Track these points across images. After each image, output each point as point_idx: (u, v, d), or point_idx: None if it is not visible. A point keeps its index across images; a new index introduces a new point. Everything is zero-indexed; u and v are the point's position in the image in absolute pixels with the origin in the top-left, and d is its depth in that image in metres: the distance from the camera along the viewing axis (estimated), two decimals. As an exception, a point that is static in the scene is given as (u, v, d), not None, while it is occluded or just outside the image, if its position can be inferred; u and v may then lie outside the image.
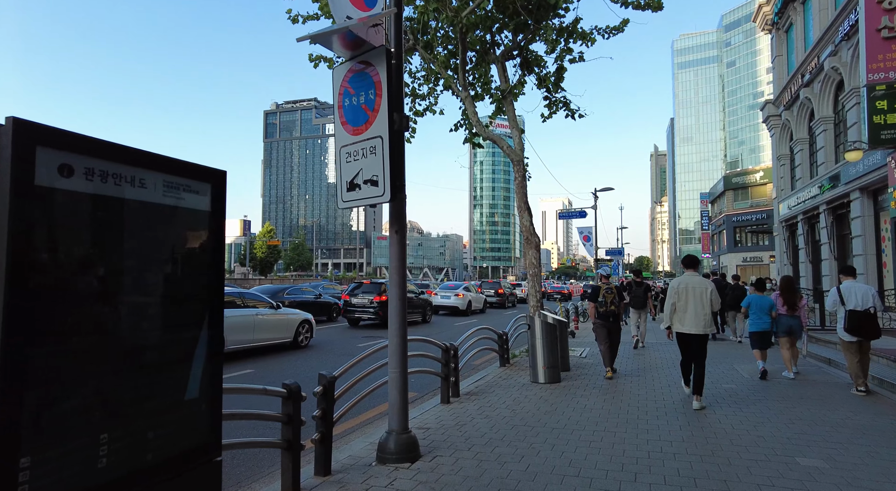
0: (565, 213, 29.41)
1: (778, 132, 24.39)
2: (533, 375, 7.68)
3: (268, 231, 78.73)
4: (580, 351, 10.99)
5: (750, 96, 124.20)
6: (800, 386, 7.40)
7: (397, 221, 4.22)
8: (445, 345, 6.40)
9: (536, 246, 11.03)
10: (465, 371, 9.19)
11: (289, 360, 10.10)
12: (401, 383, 4.15)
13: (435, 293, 23.94)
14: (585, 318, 19.23)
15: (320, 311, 18.45)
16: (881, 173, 14.35)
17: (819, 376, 8.25)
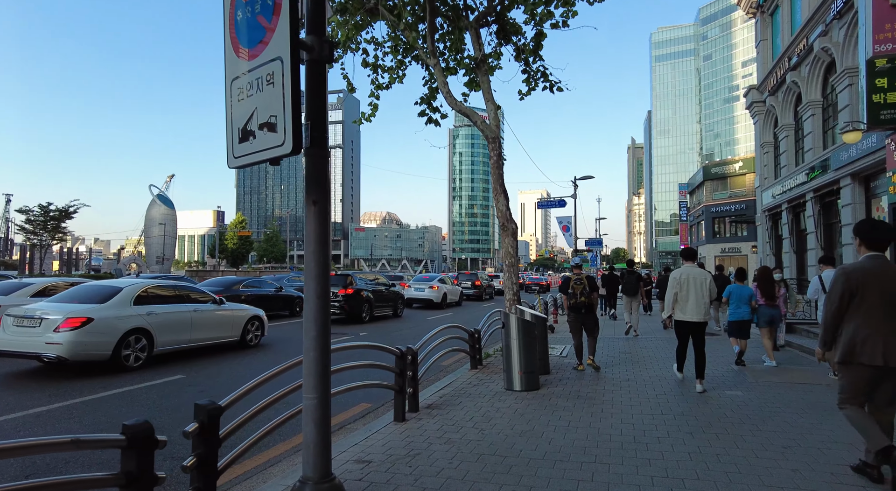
0: (544, 201, 28.50)
1: (762, 119, 23.70)
2: (507, 382, 6.58)
3: (239, 221, 76.33)
4: (560, 349, 9.95)
5: (725, 90, 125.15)
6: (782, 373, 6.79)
7: (315, 188, 3.02)
8: (400, 350, 5.23)
9: (513, 233, 9.96)
10: (432, 373, 8.07)
11: (230, 362, 8.82)
12: (319, 413, 2.96)
13: (408, 285, 22.75)
14: (565, 310, 18.26)
15: (282, 305, 17.13)
16: (875, 158, 13.59)
17: (795, 365, 8.28)
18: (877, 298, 3.58)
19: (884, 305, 3.57)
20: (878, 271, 3.63)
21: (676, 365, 7.03)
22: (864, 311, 3.61)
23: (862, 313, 3.61)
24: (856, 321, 3.62)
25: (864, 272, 3.65)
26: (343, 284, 15.52)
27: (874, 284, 3.60)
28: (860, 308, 3.62)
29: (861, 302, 3.62)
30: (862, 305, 3.61)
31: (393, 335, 12.88)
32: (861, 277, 3.63)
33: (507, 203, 9.98)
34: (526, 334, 6.55)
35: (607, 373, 7.60)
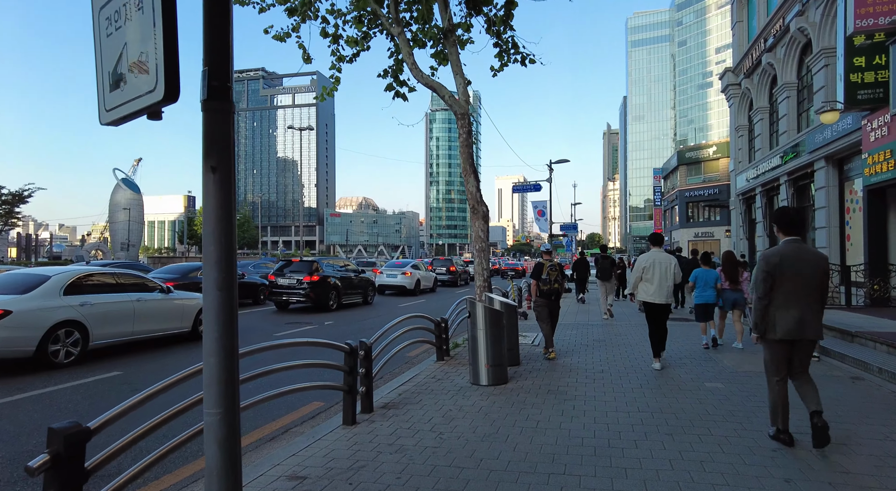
0: (520, 186, 28.05)
1: (737, 102, 23.53)
2: (473, 376, 6.07)
3: (210, 207, 74.30)
4: (532, 337, 9.50)
5: (699, 76, 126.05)
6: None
7: (215, 151, 2.38)
8: (350, 346, 4.65)
9: (484, 216, 9.43)
10: (396, 365, 7.54)
11: (177, 356, 8.13)
12: (224, 432, 2.37)
13: (380, 272, 22.12)
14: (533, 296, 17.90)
15: (245, 293, 16.37)
16: (850, 140, 13.40)
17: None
18: (791, 278, 3.91)
19: (797, 284, 3.91)
20: (794, 254, 3.95)
21: (653, 352, 6.99)
22: (780, 290, 3.94)
23: (779, 292, 3.94)
24: (774, 300, 3.95)
25: (781, 255, 3.96)
26: (308, 270, 14.82)
27: (789, 265, 3.93)
28: (778, 288, 3.95)
29: (778, 282, 3.94)
30: (779, 285, 3.94)
31: (360, 324, 12.30)
32: (779, 260, 3.95)
33: (478, 184, 9.45)
34: (494, 324, 6.04)
35: (580, 363, 7.17)
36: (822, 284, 3.97)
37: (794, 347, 3.99)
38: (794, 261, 3.93)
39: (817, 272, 3.95)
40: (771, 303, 3.96)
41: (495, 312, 6.10)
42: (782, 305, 3.92)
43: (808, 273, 3.92)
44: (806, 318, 3.88)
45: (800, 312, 3.87)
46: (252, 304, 16.64)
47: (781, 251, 3.99)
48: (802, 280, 3.91)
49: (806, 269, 3.93)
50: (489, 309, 6.07)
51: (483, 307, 6.05)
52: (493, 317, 6.05)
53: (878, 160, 11.29)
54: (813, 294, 3.93)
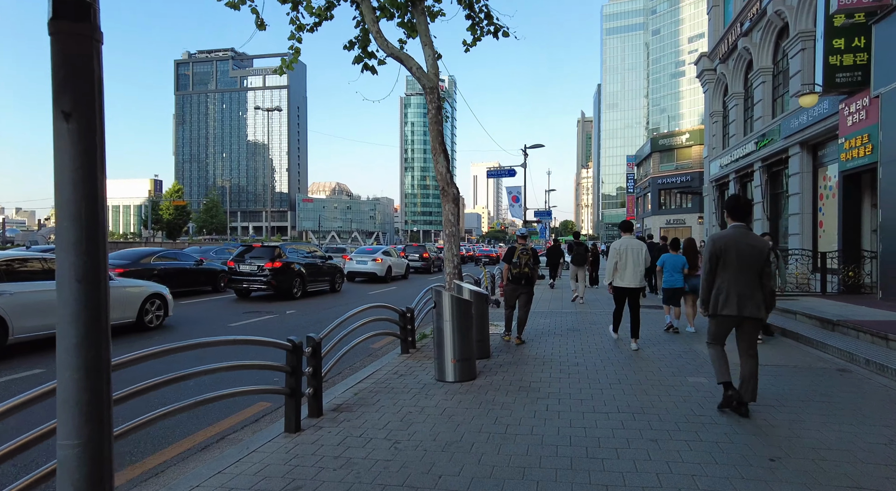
0: (494, 171, 27.55)
1: (712, 87, 23.37)
2: (439, 372, 5.54)
3: (175, 191, 71.76)
4: (503, 325, 9.03)
5: (672, 65, 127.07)
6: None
7: (69, 91, 1.74)
8: (293, 343, 4.04)
9: (454, 199, 8.89)
10: (357, 358, 6.97)
11: (114, 349, 7.37)
12: (86, 470, 1.77)
13: (350, 258, 21.40)
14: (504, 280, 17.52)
15: (204, 280, 15.51)
16: (826, 125, 13.23)
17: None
18: (734, 260, 4.23)
19: (739, 266, 4.22)
20: (738, 238, 4.26)
21: (612, 326, 7.83)
22: (724, 271, 4.27)
23: (723, 273, 4.28)
24: (718, 280, 4.31)
25: (727, 239, 4.29)
26: (270, 256, 14.04)
27: (733, 248, 4.24)
28: (723, 269, 4.28)
29: (723, 263, 4.28)
30: (723, 266, 4.27)
31: (324, 313, 11.66)
32: (724, 243, 4.28)
33: (448, 164, 8.87)
34: (462, 316, 5.50)
35: (554, 354, 6.71)
36: (764, 267, 4.26)
37: (739, 326, 4.34)
38: (739, 245, 4.25)
39: (759, 257, 4.24)
40: (715, 282, 4.34)
41: (464, 302, 5.56)
42: (725, 285, 4.27)
43: (751, 257, 4.23)
44: (746, 297, 4.21)
45: (741, 292, 4.21)
46: (212, 291, 15.79)
47: (727, 235, 4.33)
48: (745, 263, 4.23)
49: (748, 253, 4.23)
50: (457, 299, 5.53)
51: (450, 297, 5.50)
52: (461, 307, 5.51)
53: (855, 145, 11.10)
54: (754, 276, 4.25)
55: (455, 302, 5.48)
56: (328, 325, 4.96)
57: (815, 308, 8.68)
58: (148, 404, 4.50)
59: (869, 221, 11.76)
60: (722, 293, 4.27)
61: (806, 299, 10.21)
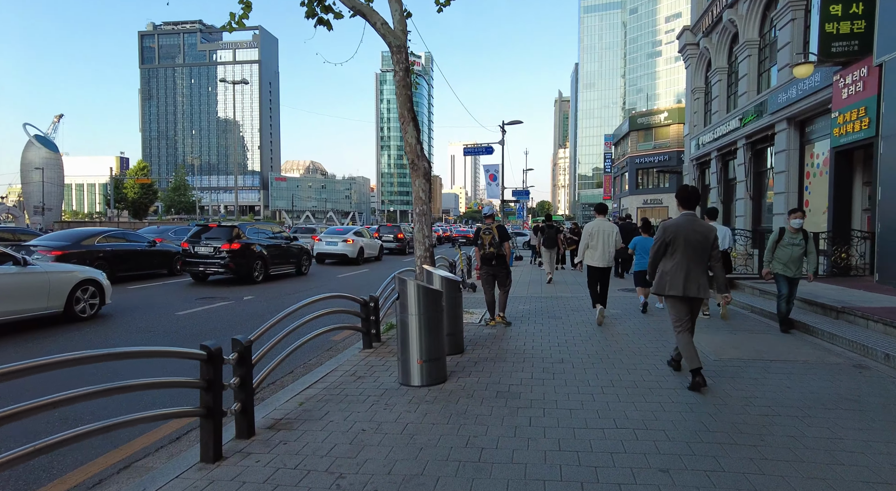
0: (471, 148, 26.60)
1: (694, 63, 22.69)
2: (402, 374, 4.72)
3: (140, 168, 68.81)
4: (481, 314, 8.25)
5: (649, 45, 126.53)
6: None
7: None
8: (208, 352, 3.15)
9: (425, 173, 8.00)
10: (311, 354, 6.12)
11: (28, 346, 6.36)
12: None
13: (319, 239, 20.35)
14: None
15: (158, 262, 14.37)
16: (816, 99, 12.64)
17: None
18: (682, 246, 4.52)
19: (686, 251, 4.51)
20: (686, 225, 4.55)
21: (592, 302, 7.99)
22: (673, 255, 4.57)
23: (671, 257, 4.58)
24: (667, 263, 4.61)
25: (677, 226, 4.56)
26: (228, 237, 12.97)
27: (682, 234, 4.52)
28: (672, 253, 4.57)
29: (672, 248, 4.56)
30: (672, 250, 4.57)
31: (286, 299, 10.73)
32: (674, 230, 4.55)
33: (419, 135, 7.95)
34: (430, 308, 4.66)
35: (535, 348, 5.95)
36: (710, 251, 4.59)
37: (691, 305, 4.63)
38: (687, 231, 4.54)
39: (705, 242, 4.55)
40: (663, 265, 4.68)
41: (432, 292, 4.72)
42: (674, 268, 4.56)
43: (697, 242, 4.53)
44: (691, 279, 4.51)
45: (686, 274, 4.52)
46: (168, 275, 14.66)
47: (677, 223, 4.62)
48: (692, 248, 4.53)
49: (695, 238, 4.53)
50: (424, 289, 4.68)
51: (416, 286, 4.65)
52: (429, 299, 4.67)
53: (850, 119, 10.50)
54: (700, 260, 4.57)
55: (422, 292, 4.64)
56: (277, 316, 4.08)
57: (811, 293, 8.11)
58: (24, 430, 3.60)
59: (860, 200, 11.27)
60: (669, 275, 4.59)
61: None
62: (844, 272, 10.57)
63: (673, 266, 4.58)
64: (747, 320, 7.68)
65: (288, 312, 4.36)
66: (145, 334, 7.21)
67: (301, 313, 4.80)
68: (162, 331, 7.46)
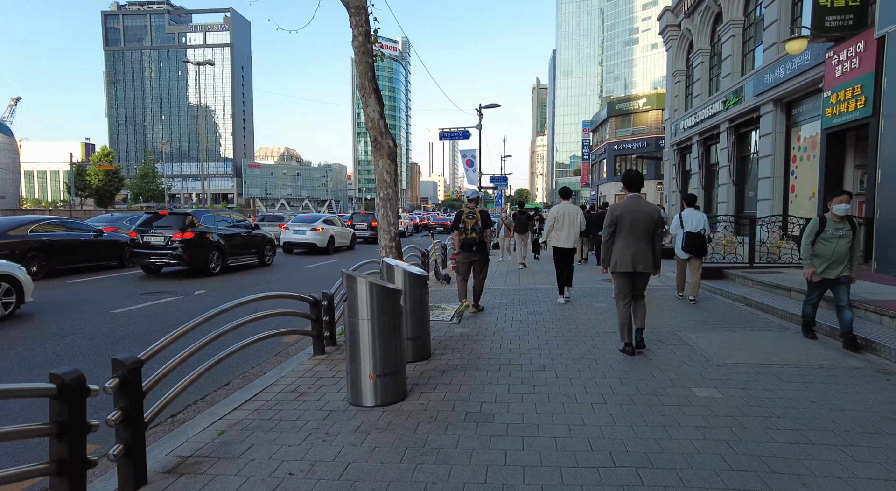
0: (447, 133, 25.63)
1: (675, 45, 22.06)
2: (352, 391, 3.88)
3: (105, 155, 65.97)
4: (453, 310, 7.46)
5: (626, 32, 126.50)
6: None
7: None
8: (61, 383, 2.26)
9: (390, 153, 7.18)
10: (255, 360, 5.27)
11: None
12: None
13: (286, 227, 19.28)
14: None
15: (106, 253, 13.23)
16: (805, 79, 12.07)
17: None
18: (628, 226, 4.95)
19: (632, 231, 4.94)
20: (632, 208, 4.97)
21: (559, 290, 8.26)
22: (620, 235, 5.01)
23: (619, 237, 5.02)
24: (616, 243, 5.06)
25: (622, 208, 5.01)
26: (180, 225, 11.89)
27: (627, 216, 4.95)
28: (619, 233, 5.01)
29: (620, 229, 5.00)
30: (620, 231, 5.01)
31: (242, 292, 9.77)
32: (620, 211, 5.01)
33: (382, 109, 7.08)
34: (386, 310, 3.83)
35: (513, 351, 5.18)
36: (654, 230, 4.91)
37: (633, 278, 4.99)
38: (632, 212, 4.88)
39: (649, 221, 4.88)
40: (614, 244, 5.02)
41: (389, 291, 3.88)
42: (621, 246, 4.93)
43: (643, 222, 4.86)
44: (638, 256, 4.86)
45: (634, 251, 4.87)
46: (118, 267, 13.52)
47: (623, 205, 4.97)
48: (637, 228, 4.86)
49: (640, 218, 4.86)
50: (379, 287, 3.83)
51: (368, 285, 3.80)
52: (385, 299, 3.83)
53: (844, 98, 9.92)
54: (646, 238, 4.89)
55: (376, 292, 3.80)
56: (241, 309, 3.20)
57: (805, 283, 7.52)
58: None
59: (852, 185, 10.76)
60: (618, 253, 4.97)
61: (790, 272, 9.12)
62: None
63: (621, 245, 4.97)
64: (743, 314, 7.04)
65: (200, 321, 3.47)
66: (64, 339, 6.22)
67: (249, 310, 3.94)
68: (87, 334, 6.48)
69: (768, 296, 7.57)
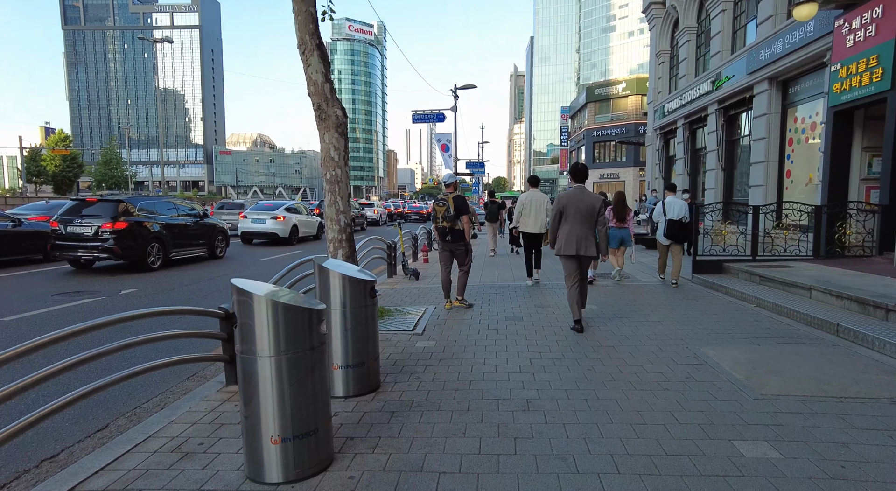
0: (421, 115, 24.28)
1: (659, 24, 21.01)
2: (250, 462, 2.63)
3: (62, 139, 62.52)
4: (417, 315, 6.26)
5: (603, 19, 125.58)
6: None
7: None
8: None
9: (338, 125, 5.96)
10: (162, 384, 3.99)
11: None
12: None
13: (244, 216, 17.76)
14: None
15: (28, 246, 11.64)
16: (807, 53, 11.09)
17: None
18: (572, 214, 5.43)
19: (576, 218, 5.42)
20: (576, 196, 5.47)
21: (527, 272, 8.77)
22: (566, 221, 5.48)
23: (565, 223, 5.49)
24: (562, 228, 5.51)
25: (568, 197, 5.52)
26: (111, 214, 10.38)
27: (572, 205, 5.44)
28: (565, 220, 5.49)
29: (565, 216, 5.48)
30: (566, 218, 5.48)
31: (180, 290, 8.43)
32: (566, 200, 5.50)
33: (327, 70, 5.79)
34: (298, 340, 2.58)
35: (489, 378, 4.00)
36: (595, 218, 5.47)
37: (580, 261, 5.53)
38: (576, 202, 5.44)
39: (591, 210, 5.44)
40: (560, 230, 5.53)
41: (302, 313, 2.61)
42: (566, 232, 5.47)
43: (586, 210, 5.43)
44: (581, 240, 5.41)
45: (577, 237, 5.42)
46: (43, 261, 11.94)
47: (568, 194, 5.58)
48: (581, 215, 5.42)
49: (583, 207, 5.43)
50: (286, 308, 2.57)
51: (269, 304, 2.54)
52: (296, 325, 2.58)
53: (856, 71, 8.92)
54: (588, 225, 5.45)
55: (282, 315, 2.54)
56: None
57: (828, 280, 6.52)
58: None
59: (859, 169, 9.83)
60: (563, 238, 5.47)
61: (798, 265, 8.14)
62: (836, 253, 9.14)
63: (566, 230, 5.43)
64: (759, 319, 5.99)
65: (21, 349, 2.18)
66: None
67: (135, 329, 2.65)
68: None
69: (784, 296, 6.55)
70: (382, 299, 7.50)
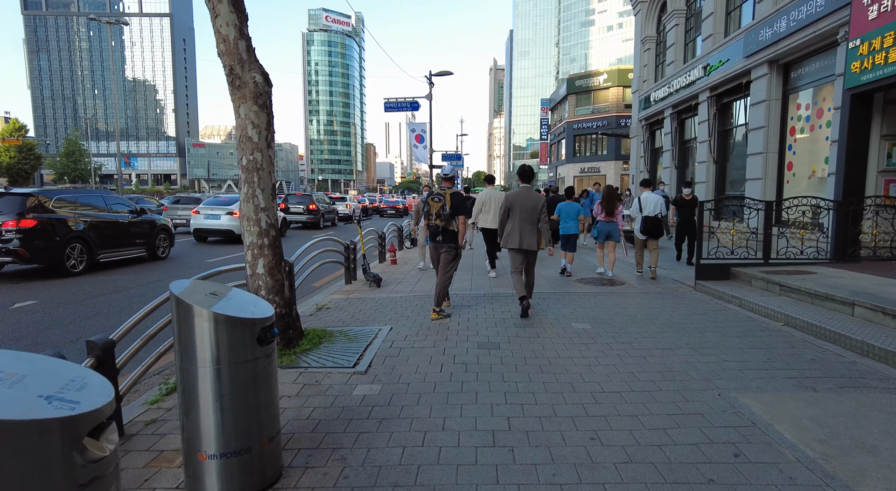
0: (394, 103, 22.81)
1: (645, 8, 19.87)
2: None
3: (16, 129, 59.18)
4: (366, 339, 4.91)
5: (582, 13, 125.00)
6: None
7: None
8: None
9: (256, 94, 4.57)
10: None
11: None
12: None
13: (197, 211, 16.13)
14: (416, 244, 13.51)
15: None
16: (813, 31, 9.98)
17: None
18: (518, 211, 5.89)
19: (522, 215, 5.87)
20: (522, 196, 5.94)
21: (489, 263, 9.52)
22: (512, 218, 5.93)
23: (511, 220, 5.95)
24: (508, 224, 5.98)
25: (515, 195, 5.99)
26: (17, 210, 8.78)
27: (518, 203, 5.90)
28: (511, 217, 5.95)
29: (512, 213, 5.95)
30: (512, 215, 5.95)
31: (88, 306, 6.91)
32: (513, 198, 5.96)
33: (242, 23, 4.33)
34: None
35: (445, 464, 2.70)
36: (539, 216, 5.88)
37: (525, 255, 5.97)
38: (522, 200, 5.89)
39: (535, 208, 5.86)
40: (507, 225, 5.97)
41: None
42: (511, 228, 5.93)
43: (530, 208, 5.87)
44: (525, 235, 5.86)
45: (521, 232, 5.87)
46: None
47: (515, 193, 6.01)
48: (525, 213, 5.86)
49: (528, 206, 5.87)
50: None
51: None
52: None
53: (881, 47, 7.80)
54: (532, 222, 5.87)
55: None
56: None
57: (872, 293, 5.36)
58: None
59: (876, 160, 8.76)
60: (509, 233, 5.95)
61: (821, 271, 7.01)
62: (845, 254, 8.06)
63: (511, 227, 5.94)
64: (793, 343, 4.78)
65: None
66: None
67: None
68: None
69: (817, 311, 5.36)
70: (329, 315, 6.14)
